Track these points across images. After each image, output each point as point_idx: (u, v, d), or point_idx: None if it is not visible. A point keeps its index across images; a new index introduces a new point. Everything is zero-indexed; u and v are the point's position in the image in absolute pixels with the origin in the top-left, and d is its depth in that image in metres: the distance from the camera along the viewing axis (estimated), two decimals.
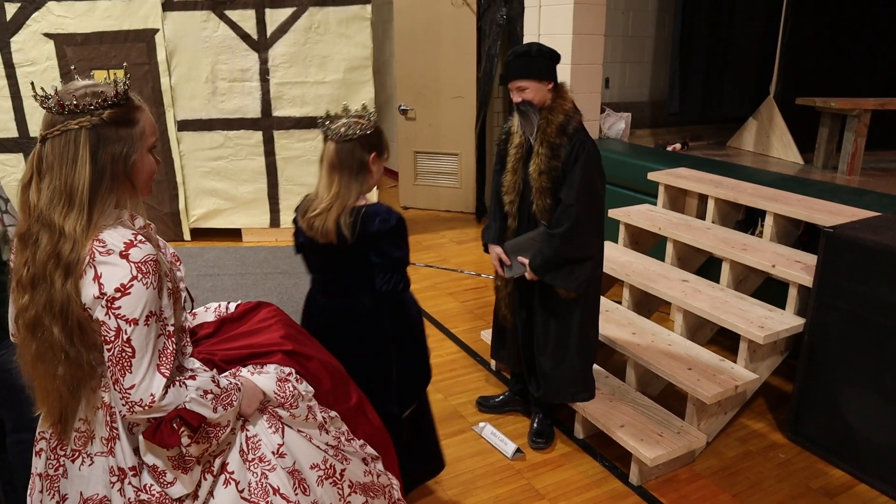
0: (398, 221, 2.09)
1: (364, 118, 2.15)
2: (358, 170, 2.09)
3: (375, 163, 2.14)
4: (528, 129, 2.70)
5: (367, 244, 2.07)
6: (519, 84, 2.65)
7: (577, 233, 2.65)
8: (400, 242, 2.11)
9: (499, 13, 5.88)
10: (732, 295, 3.37)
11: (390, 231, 2.07)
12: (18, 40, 5.34)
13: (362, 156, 2.10)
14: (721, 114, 5.93)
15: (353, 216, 2.05)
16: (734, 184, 3.96)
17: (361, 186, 2.11)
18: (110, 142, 1.36)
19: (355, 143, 2.08)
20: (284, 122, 5.61)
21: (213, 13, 5.38)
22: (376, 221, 2.05)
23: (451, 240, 5.96)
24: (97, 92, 1.36)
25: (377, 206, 2.09)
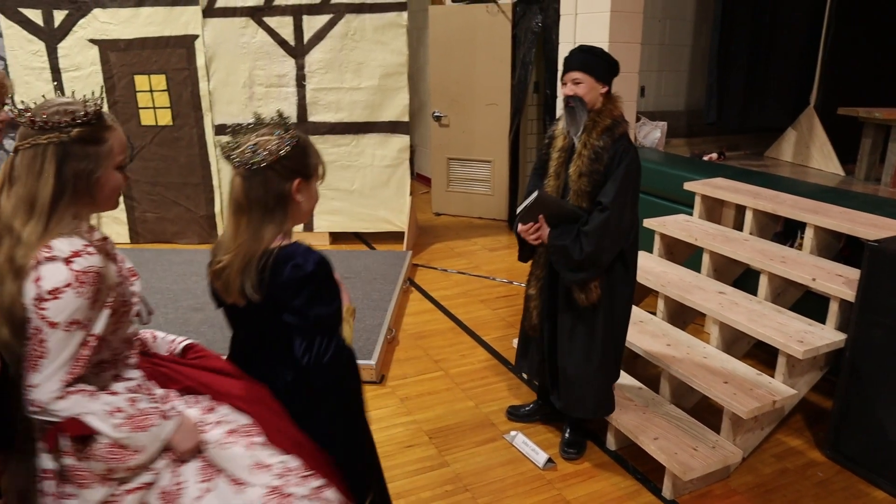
0: (317, 266, 1.58)
1: (278, 133, 1.60)
2: (275, 205, 1.59)
3: (302, 190, 1.63)
4: (574, 127, 2.69)
5: (278, 301, 1.59)
6: (576, 76, 2.64)
7: (597, 237, 2.62)
8: (322, 293, 1.61)
9: (534, 21, 5.88)
10: (770, 308, 3.31)
11: (305, 280, 1.56)
12: (65, 46, 5.49)
13: (280, 186, 1.59)
14: (759, 123, 5.84)
15: (260, 266, 1.56)
16: (773, 195, 3.90)
17: (281, 225, 1.61)
18: (76, 158, 1.42)
19: (269, 172, 1.57)
20: (319, 127, 5.67)
21: (252, 20, 5.46)
22: (287, 269, 1.56)
23: (483, 247, 5.96)
24: (68, 111, 1.42)
25: (292, 249, 1.59)
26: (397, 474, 2.85)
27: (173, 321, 4.13)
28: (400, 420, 3.26)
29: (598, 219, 2.61)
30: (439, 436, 3.13)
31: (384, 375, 3.68)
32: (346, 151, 5.72)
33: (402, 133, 5.65)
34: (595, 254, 2.63)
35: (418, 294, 4.88)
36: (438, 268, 5.43)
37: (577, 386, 2.88)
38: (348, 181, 5.80)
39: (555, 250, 2.69)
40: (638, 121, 5.45)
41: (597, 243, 2.61)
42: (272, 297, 1.58)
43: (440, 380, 3.64)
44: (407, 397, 3.46)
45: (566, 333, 2.87)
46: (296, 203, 1.64)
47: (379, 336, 3.89)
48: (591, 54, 2.68)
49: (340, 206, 5.87)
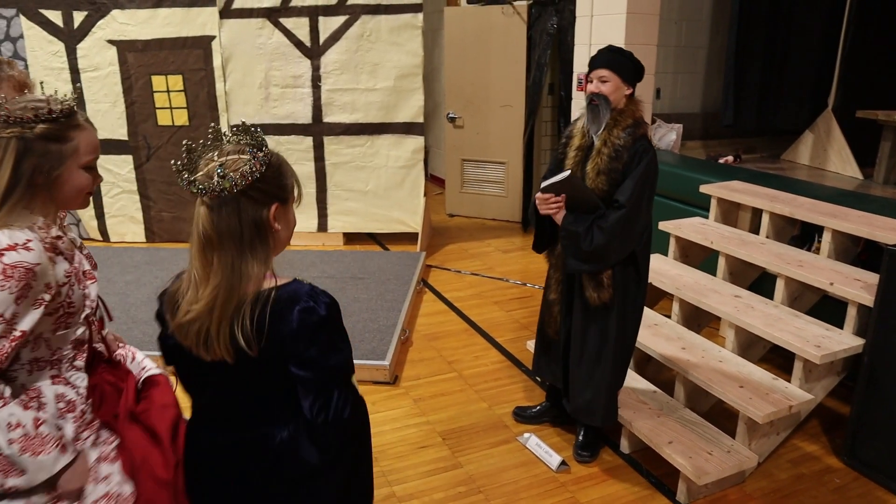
0: (330, 308, 1.37)
1: (251, 150, 1.35)
2: (252, 236, 1.34)
3: (280, 216, 1.39)
4: (595, 126, 2.69)
5: (284, 352, 1.35)
6: (602, 74, 2.65)
7: (608, 233, 2.61)
8: (336, 339, 1.40)
9: (549, 22, 5.87)
10: (787, 312, 3.28)
11: (319, 326, 1.35)
12: (84, 47, 5.55)
13: (257, 213, 1.34)
14: (776, 126, 5.80)
15: (256, 313, 1.32)
16: (790, 198, 3.87)
17: (266, 260, 1.37)
18: (35, 154, 1.45)
19: (242, 198, 1.32)
20: (335, 128, 5.69)
21: (269, 21, 5.49)
22: (295, 314, 1.33)
23: (496, 248, 5.95)
24: (34, 107, 1.45)
25: (293, 289, 1.36)
26: (410, 475, 2.86)
27: None
28: (413, 421, 3.26)
29: (614, 216, 2.60)
30: (452, 437, 3.13)
31: (398, 376, 3.69)
32: (361, 152, 5.73)
33: (416, 134, 5.66)
34: (604, 249, 2.62)
35: (432, 295, 4.89)
36: (452, 269, 5.43)
37: (588, 391, 2.87)
38: (363, 182, 5.81)
39: (566, 234, 2.69)
40: (653, 123, 5.43)
41: (608, 239, 2.61)
42: (275, 350, 1.34)
43: (454, 381, 3.64)
44: (420, 398, 3.47)
45: (579, 336, 2.86)
46: (275, 232, 1.39)
47: (393, 337, 3.89)
48: (620, 55, 2.69)
49: (354, 207, 5.89)
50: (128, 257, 5.36)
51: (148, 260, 5.31)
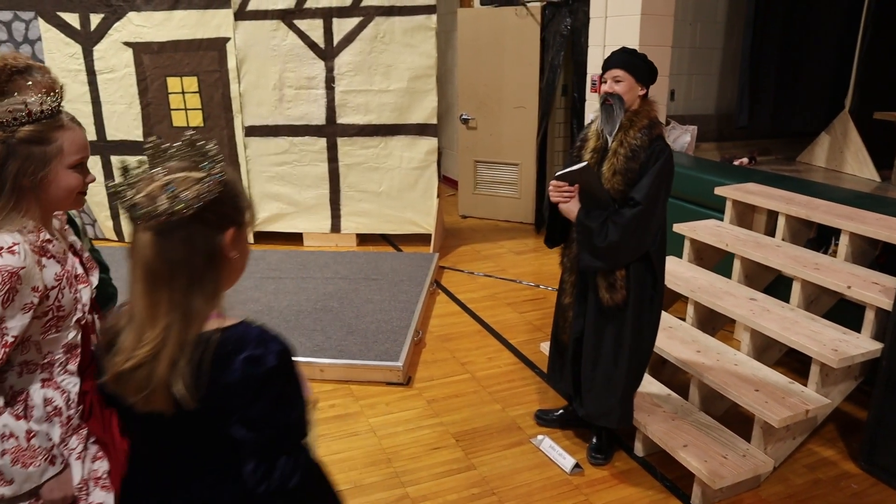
0: (280, 357, 1.17)
1: (204, 166, 1.16)
2: (205, 268, 1.16)
3: (237, 242, 1.21)
4: (608, 126, 2.69)
5: (225, 407, 1.15)
6: (617, 74, 2.66)
7: (622, 230, 2.60)
8: (287, 393, 1.20)
9: (563, 24, 5.86)
10: (803, 315, 3.26)
11: (266, 379, 1.15)
12: (100, 48, 5.59)
13: (209, 240, 1.16)
14: (792, 128, 5.76)
15: (196, 359, 1.12)
16: (806, 201, 3.84)
17: (215, 295, 1.18)
18: (18, 157, 1.45)
19: (195, 223, 1.14)
20: (348, 129, 5.70)
21: (283, 22, 5.52)
22: (237, 364, 1.14)
23: (509, 250, 5.95)
24: (12, 111, 1.45)
25: (240, 333, 1.18)
26: (424, 476, 2.86)
27: None
28: (427, 422, 3.26)
29: (629, 212, 2.60)
30: (466, 438, 3.13)
31: (411, 377, 3.69)
32: (374, 153, 5.75)
33: (430, 135, 5.67)
34: (618, 245, 2.62)
35: (445, 296, 4.89)
36: (465, 270, 5.43)
37: (604, 394, 2.86)
38: (376, 183, 5.83)
39: (581, 229, 2.68)
40: (667, 125, 5.41)
41: (622, 235, 2.60)
42: (215, 403, 1.14)
43: (467, 382, 3.64)
44: (434, 399, 3.47)
45: (594, 339, 2.85)
46: (230, 261, 1.20)
47: (406, 338, 3.90)
48: (634, 56, 2.71)
49: (368, 208, 5.90)
50: None
51: None
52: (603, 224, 2.62)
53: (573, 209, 2.69)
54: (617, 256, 2.66)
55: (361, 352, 3.75)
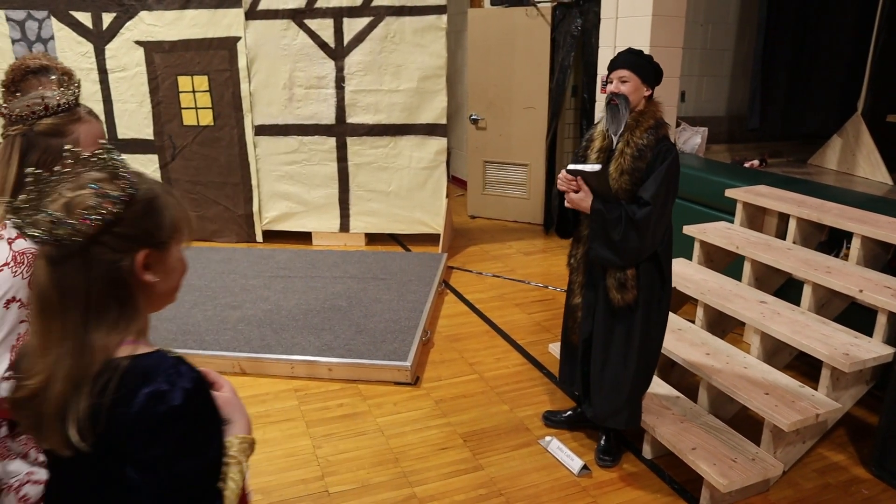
0: (188, 396, 1.02)
1: (91, 185, 1.03)
2: (104, 296, 1.03)
3: (155, 265, 1.09)
4: (614, 126, 2.69)
5: (121, 446, 1.01)
6: (622, 74, 2.67)
7: (640, 228, 2.60)
8: (194, 438, 1.04)
9: (573, 24, 5.85)
10: (814, 319, 3.24)
11: (168, 420, 1.00)
12: (112, 47, 5.63)
13: (112, 266, 1.03)
14: (803, 130, 5.72)
15: (95, 392, 1.00)
16: (818, 203, 3.82)
17: (122, 325, 1.05)
18: (37, 149, 1.54)
19: (94, 248, 1.02)
20: (358, 129, 5.71)
21: (293, 22, 5.53)
22: (140, 399, 1.00)
23: (518, 250, 5.94)
24: (31, 105, 1.54)
25: (151, 362, 1.05)
26: (431, 476, 2.86)
27: (211, 318, 4.19)
28: (435, 422, 3.26)
29: (641, 211, 2.61)
30: (474, 439, 3.13)
31: (419, 377, 3.69)
32: (384, 153, 5.75)
33: (439, 135, 5.67)
34: (632, 241, 2.62)
35: (453, 296, 4.89)
36: (473, 271, 5.42)
37: (613, 395, 2.85)
38: (385, 183, 5.83)
39: (597, 218, 2.68)
40: (678, 126, 5.39)
41: (637, 232, 2.61)
42: (112, 441, 1.01)
43: (475, 383, 3.64)
44: (442, 399, 3.47)
45: (602, 339, 2.85)
46: (146, 286, 1.08)
47: (414, 338, 3.90)
48: (640, 56, 2.71)
49: (377, 208, 5.90)
50: None
51: None
52: (619, 218, 2.63)
53: (585, 200, 2.69)
54: (629, 253, 2.66)
55: (370, 351, 3.75)
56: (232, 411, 1.18)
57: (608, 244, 2.67)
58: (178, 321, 4.13)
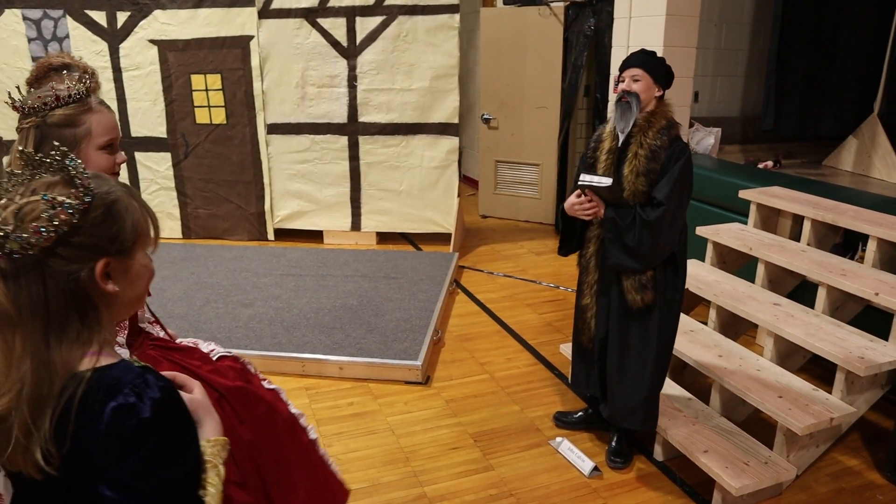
0: (156, 408, 0.98)
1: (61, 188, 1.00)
2: (63, 309, 0.99)
3: (117, 273, 1.05)
4: (622, 124, 2.69)
5: (91, 464, 0.97)
6: (635, 73, 2.67)
7: (656, 229, 2.59)
8: (167, 449, 1.00)
9: (587, 24, 5.82)
10: (828, 322, 3.21)
11: (139, 434, 0.97)
12: (126, 46, 5.66)
13: (69, 278, 0.99)
14: (818, 131, 5.68)
15: (61, 405, 0.96)
16: (833, 205, 3.78)
17: (85, 336, 1.01)
18: (51, 140, 1.55)
19: (50, 260, 0.98)
20: (370, 127, 5.72)
21: (306, 21, 5.54)
22: (107, 414, 0.96)
23: (529, 250, 5.93)
24: (43, 96, 1.56)
25: (115, 375, 1.00)
26: (442, 476, 2.86)
27: (223, 316, 4.21)
28: (445, 422, 3.26)
29: (655, 212, 2.60)
30: (484, 439, 3.13)
31: (430, 376, 3.69)
32: (396, 152, 5.75)
33: (451, 135, 5.66)
34: (648, 244, 2.62)
35: (464, 296, 4.88)
36: (485, 270, 5.42)
37: (630, 396, 2.84)
38: (396, 182, 5.83)
39: (611, 227, 2.67)
40: (691, 126, 5.36)
41: (653, 234, 2.61)
42: (81, 460, 0.96)
43: (485, 383, 3.64)
44: (452, 399, 3.46)
45: (619, 340, 2.83)
46: (109, 296, 1.03)
47: (425, 337, 3.90)
48: (653, 57, 2.72)
49: (388, 207, 5.91)
50: (165, 253, 5.46)
51: (184, 256, 5.40)
52: (633, 222, 2.62)
53: (599, 210, 2.69)
54: (647, 256, 2.65)
55: (380, 350, 3.75)
56: (202, 414, 1.16)
57: (624, 250, 2.67)
58: (190, 319, 4.15)
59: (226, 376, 1.79)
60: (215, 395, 1.69)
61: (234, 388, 1.77)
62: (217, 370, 1.81)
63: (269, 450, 1.80)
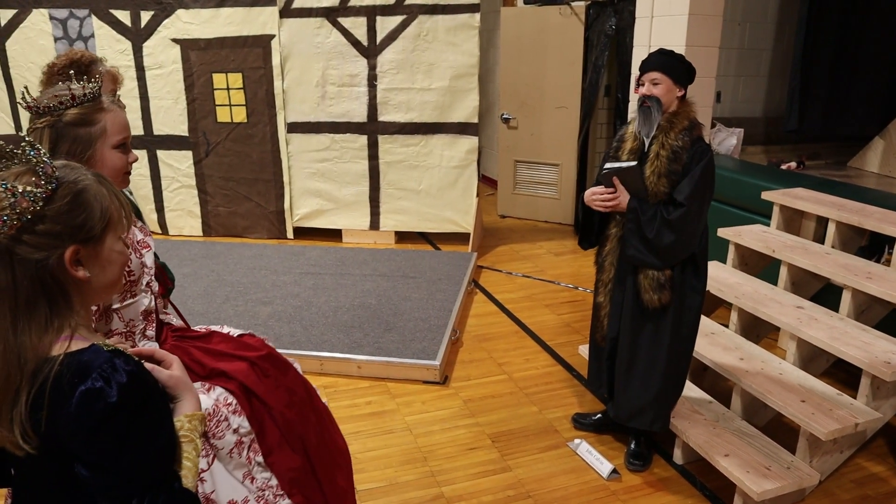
0: (123, 391, 1.00)
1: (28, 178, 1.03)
2: (32, 296, 1.03)
3: (87, 260, 1.08)
4: (646, 128, 2.67)
5: (64, 446, 1.02)
6: (654, 76, 2.65)
7: (677, 228, 2.58)
8: (136, 430, 1.03)
9: (608, 24, 5.79)
10: (853, 325, 3.16)
11: (106, 417, 0.99)
12: (149, 45, 5.71)
13: (40, 265, 1.02)
14: (843, 132, 5.59)
15: (35, 388, 1.01)
16: (858, 207, 3.72)
17: (52, 324, 1.04)
18: (66, 139, 1.56)
19: (12, 248, 1.01)
20: (389, 127, 5.72)
21: (327, 20, 5.56)
22: (75, 398, 0.99)
23: (548, 251, 5.90)
24: (57, 96, 1.57)
25: (85, 359, 1.02)
26: (459, 476, 2.85)
27: (242, 313, 4.24)
28: (463, 422, 3.25)
29: (677, 212, 2.59)
30: (502, 440, 3.11)
31: (448, 376, 3.69)
32: (415, 151, 5.75)
33: (470, 134, 5.65)
34: (668, 240, 2.60)
35: (482, 296, 4.87)
36: (503, 270, 5.40)
37: (638, 395, 2.82)
38: (415, 181, 5.83)
39: (633, 218, 2.66)
40: (713, 127, 5.30)
41: (673, 231, 2.59)
42: (55, 442, 1.01)
43: (504, 383, 3.62)
44: (470, 399, 3.46)
45: (630, 339, 2.82)
46: (79, 282, 1.06)
47: (443, 337, 3.89)
48: (672, 57, 2.69)
49: (407, 206, 5.91)
50: (185, 250, 5.50)
51: (204, 253, 5.44)
52: (654, 216, 2.61)
53: (622, 200, 2.68)
54: (665, 253, 2.64)
55: (398, 349, 3.75)
56: (182, 390, 1.18)
57: (643, 242, 2.65)
58: (210, 316, 4.18)
59: (253, 348, 1.83)
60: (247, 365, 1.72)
61: (263, 356, 1.81)
62: (243, 345, 1.84)
63: (308, 412, 1.85)
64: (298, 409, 1.81)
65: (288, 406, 1.77)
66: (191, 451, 1.13)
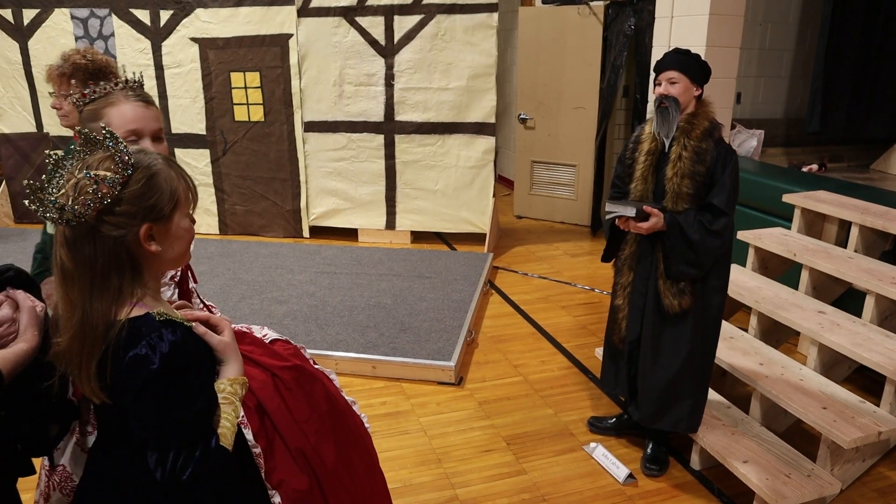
0: (165, 361, 1.15)
1: (108, 165, 1.16)
2: (108, 268, 1.17)
3: (159, 236, 1.22)
4: (665, 129, 2.64)
5: (120, 400, 1.19)
6: (671, 76, 2.63)
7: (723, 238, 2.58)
8: (175, 394, 1.17)
9: (627, 23, 5.74)
10: (876, 331, 3.10)
11: (148, 382, 1.14)
12: (168, 44, 5.75)
13: (115, 241, 1.17)
14: (867, 134, 5.51)
15: (99, 352, 1.16)
16: (883, 211, 3.66)
17: (121, 292, 1.19)
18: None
19: (96, 227, 1.15)
20: (406, 126, 5.72)
21: (345, 19, 5.56)
22: (126, 359, 1.15)
23: (564, 252, 5.87)
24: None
25: (140, 325, 1.18)
26: (474, 478, 2.83)
27: (258, 312, 4.24)
28: (478, 424, 3.23)
29: (719, 221, 2.58)
30: (517, 442, 3.09)
31: (463, 377, 3.67)
32: (432, 151, 5.74)
33: (487, 134, 5.63)
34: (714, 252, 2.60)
35: (498, 297, 4.85)
36: (519, 271, 5.37)
37: (662, 397, 2.79)
38: (432, 181, 5.82)
39: (672, 229, 2.61)
40: (733, 128, 5.24)
41: (721, 243, 2.59)
42: (115, 395, 1.18)
43: (519, 385, 3.60)
44: (485, 401, 3.44)
45: (651, 341, 2.79)
46: (151, 255, 1.22)
47: (459, 337, 3.88)
48: (688, 56, 2.67)
49: (423, 206, 5.90)
50: (202, 248, 5.53)
51: (221, 251, 5.46)
52: (693, 219, 2.59)
53: (657, 222, 2.63)
54: (710, 255, 2.63)
55: (414, 350, 3.74)
56: (229, 354, 1.31)
57: (689, 261, 2.62)
58: (226, 314, 4.15)
59: (280, 357, 1.80)
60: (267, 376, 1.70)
61: (289, 367, 1.77)
62: (271, 352, 1.81)
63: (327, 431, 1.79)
64: (317, 427, 1.75)
65: (305, 422, 1.72)
66: (230, 413, 1.26)
